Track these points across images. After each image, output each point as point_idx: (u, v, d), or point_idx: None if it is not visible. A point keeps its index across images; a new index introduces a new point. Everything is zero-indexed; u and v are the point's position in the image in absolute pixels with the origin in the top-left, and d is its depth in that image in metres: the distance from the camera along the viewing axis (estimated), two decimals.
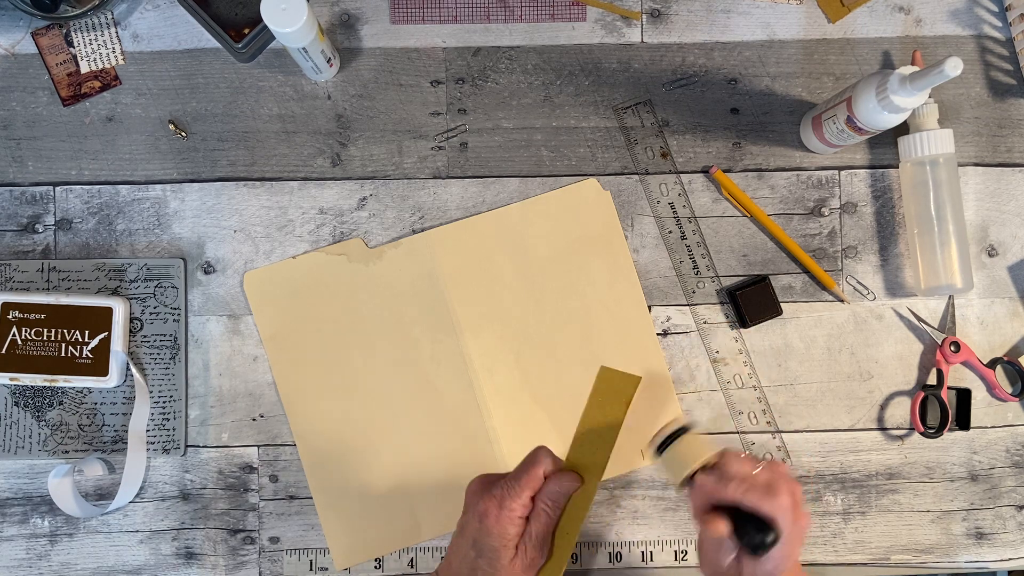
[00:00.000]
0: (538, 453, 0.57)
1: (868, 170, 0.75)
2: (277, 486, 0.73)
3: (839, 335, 0.75)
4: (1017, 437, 0.75)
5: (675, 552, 0.74)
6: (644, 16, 0.76)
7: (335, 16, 0.75)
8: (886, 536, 0.74)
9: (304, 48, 0.66)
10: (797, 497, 0.54)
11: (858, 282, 0.75)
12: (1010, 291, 0.75)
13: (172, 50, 0.75)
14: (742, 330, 0.75)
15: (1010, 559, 0.75)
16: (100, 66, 0.74)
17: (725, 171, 0.75)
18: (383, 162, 0.75)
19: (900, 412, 0.75)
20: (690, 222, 0.75)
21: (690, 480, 0.56)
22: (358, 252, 0.74)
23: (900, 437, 0.75)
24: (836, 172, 0.75)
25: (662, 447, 0.58)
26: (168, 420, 0.73)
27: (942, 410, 0.73)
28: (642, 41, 0.76)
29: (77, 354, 0.71)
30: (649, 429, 0.73)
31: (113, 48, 0.74)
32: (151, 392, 0.73)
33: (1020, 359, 0.74)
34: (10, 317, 0.71)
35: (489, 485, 0.57)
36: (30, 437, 0.73)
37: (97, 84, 0.74)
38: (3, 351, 0.71)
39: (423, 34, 0.75)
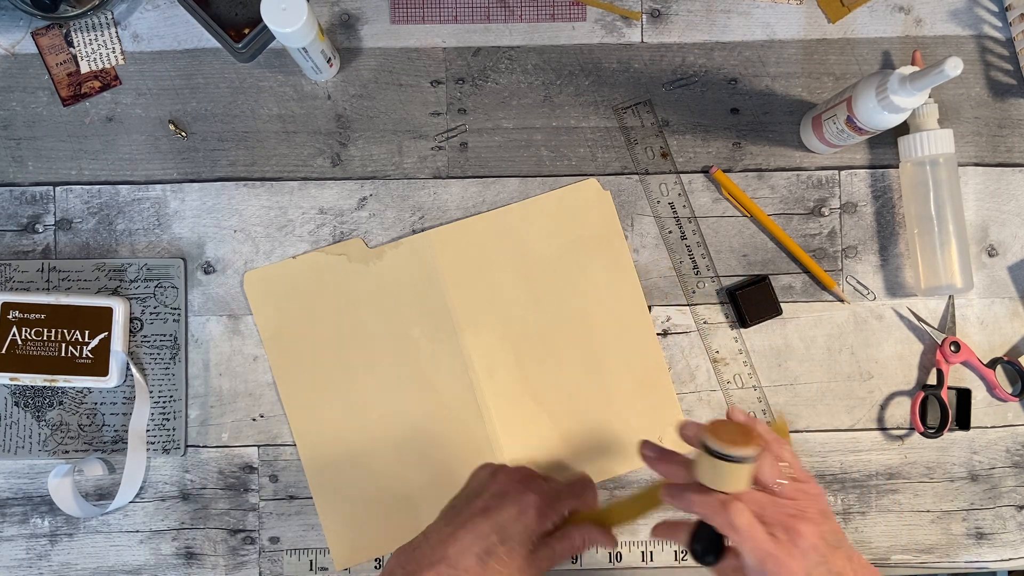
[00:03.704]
0: (591, 484, 0.60)
1: (868, 170, 0.75)
2: (277, 486, 0.73)
3: (839, 335, 0.75)
4: (1017, 437, 0.75)
5: (675, 552, 0.74)
6: (644, 16, 0.76)
7: (335, 16, 0.75)
8: (886, 536, 0.74)
9: (304, 48, 0.66)
10: (779, 519, 0.51)
11: (858, 282, 0.75)
12: (1010, 291, 0.75)
13: (172, 50, 0.75)
14: (742, 330, 0.75)
15: (1010, 559, 0.75)
16: (100, 66, 0.74)
17: (725, 171, 0.75)
18: (383, 162, 0.75)
19: (900, 412, 0.75)
20: (690, 222, 0.75)
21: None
22: (358, 252, 0.74)
23: (900, 437, 0.75)
24: (836, 172, 0.75)
25: (716, 454, 0.51)
26: (168, 420, 0.73)
27: (942, 410, 0.73)
28: (642, 41, 0.76)
29: (77, 354, 0.71)
30: (649, 429, 0.74)
31: (113, 48, 0.74)
32: (151, 392, 0.73)
33: (1020, 359, 0.74)
34: (10, 317, 0.71)
35: (529, 480, 0.58)
36: (30, 437, 0.73)
37: (97, 84, 0.74)
38: (3, 351, 0.71)
39: (423, 34, 0.75)
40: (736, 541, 0.51)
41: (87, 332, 0.71)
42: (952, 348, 0.73)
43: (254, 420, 0.74)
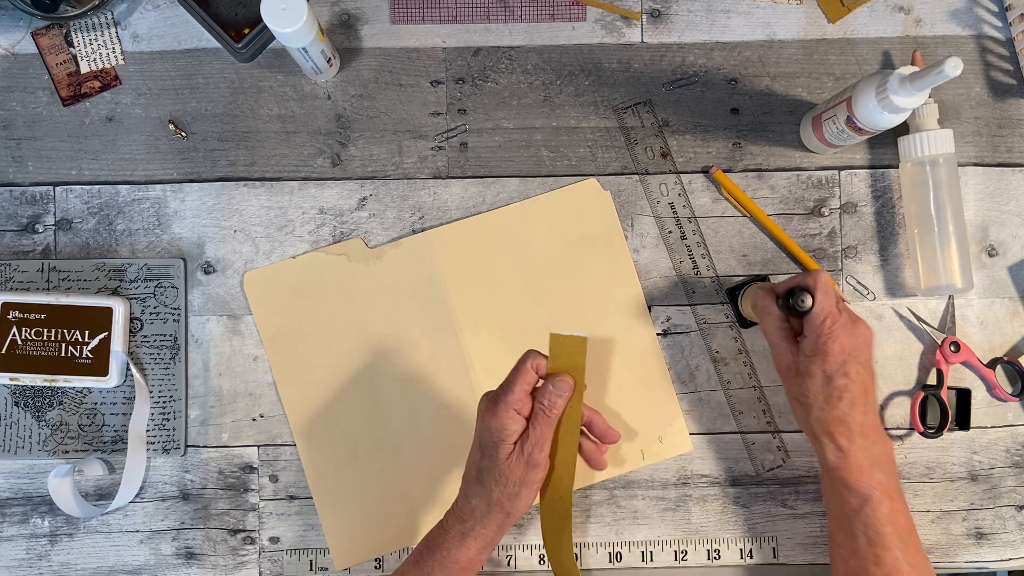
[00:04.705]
0: (528, 353, 0.63)
1: (868, 170, 0.75)
2: (277, 486, 0.73)
3: None
4: (1017, 437, 0.75)
5: (675, 552, 0.74)
6: (644, 16, 0.76)
7: (335, 16, 0.75)
8: None
9: (304, 48, 0.66)
10: (841, 305, 0.63)
11: (858, 282, 0.75)
12: (1010, 291, 0.75)
13: (172, 50, 0.75)
14: (742, 330, 0.75)
15: (1010, 559, 0.75)
16: (100, 66, 0.74)
17: (725, 171, 0.75)
18: (383, 162, 0.75)
19: (900, 412, 0.75)
20: (690, 222, 0.75)
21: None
22: (358, 252, 0.74)
23: (900, 437, 0.75)
24: (836, 172, 0.75)
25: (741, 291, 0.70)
26: (168, 420, 0.73)
27: (942, 410, 0.73)
28: (642, 41, 0.76)
29: (77, 354, 0.71)
30: (650, 429, 0.74)
31: (113, 48, 0.74)
32: (151, 392, 0.73)
33: (1020, 359, 0.74)
34: (10, 317, 0.71)
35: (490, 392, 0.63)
36: (30, 437, 0.73)
37: (97, 84, 0.74)
38: (3, 351, 0.71)
39: (423, 34, 0.75)
40: (817, 292, 0.61)
41: (87, 332, 0.71)
42: (952, 348, 0.73)
43: (254, 420, 0.74)
